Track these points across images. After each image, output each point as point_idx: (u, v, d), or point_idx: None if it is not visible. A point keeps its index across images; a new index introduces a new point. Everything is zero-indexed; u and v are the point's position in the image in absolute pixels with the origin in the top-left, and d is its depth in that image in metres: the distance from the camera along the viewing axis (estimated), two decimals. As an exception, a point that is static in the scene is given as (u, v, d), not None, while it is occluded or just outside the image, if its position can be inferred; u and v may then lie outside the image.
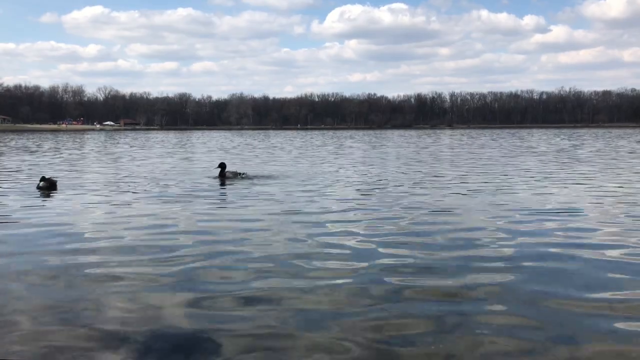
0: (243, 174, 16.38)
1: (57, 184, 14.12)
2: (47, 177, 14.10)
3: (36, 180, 14.38)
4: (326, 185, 15.00)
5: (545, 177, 16.56)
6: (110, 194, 13.03)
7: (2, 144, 48.05)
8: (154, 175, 17.41)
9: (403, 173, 18.73)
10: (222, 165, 16.16)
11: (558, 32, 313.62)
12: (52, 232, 8.67)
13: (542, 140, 53.30)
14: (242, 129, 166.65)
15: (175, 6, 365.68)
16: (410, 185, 14.76)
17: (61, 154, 33.11)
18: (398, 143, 50.03)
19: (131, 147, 44.25)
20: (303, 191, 13.53)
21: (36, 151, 35.95)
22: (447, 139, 60.56)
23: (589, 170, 18.94)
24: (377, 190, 13.66)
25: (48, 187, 13.52)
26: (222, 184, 15.09)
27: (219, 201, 12.24)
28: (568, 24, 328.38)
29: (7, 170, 20.15)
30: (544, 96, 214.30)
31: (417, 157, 27.85)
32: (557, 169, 19.61)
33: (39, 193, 13.15)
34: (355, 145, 46.05)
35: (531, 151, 32.43)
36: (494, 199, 12.10)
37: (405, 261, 6.89)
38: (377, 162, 24.98)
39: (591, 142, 46.13)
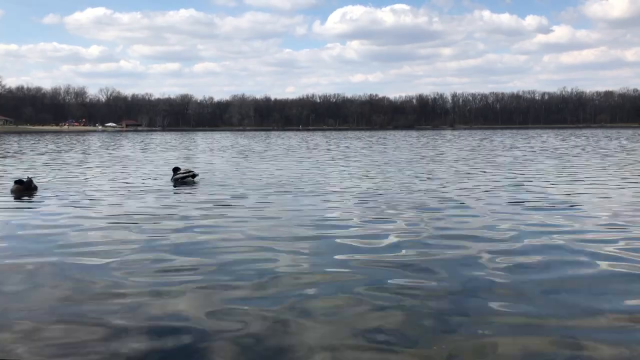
0: (190, 177, 16.47)
1: (34, 185, 14.30)
2: (23, 179, 14.26)
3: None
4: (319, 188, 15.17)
5: None
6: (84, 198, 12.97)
7: None
8: (118, 182, 16.97)
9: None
10: (175, 169, 16.93)
11: (560, 32, 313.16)
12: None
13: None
14: (244, 130, 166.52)
15: (177, 7, 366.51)
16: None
17: (55, 156, 33.25)
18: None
19: (128, 149, 44.32)
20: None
21: (28, 153, 36.12)
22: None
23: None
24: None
25: (18, 189, 13.67)
26: (175, 186, 15.45)
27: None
28: (570, 24, 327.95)
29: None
30: (546, 97, 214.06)
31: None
32: None
33: (12, 195, 13.30)
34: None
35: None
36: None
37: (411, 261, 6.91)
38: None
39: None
